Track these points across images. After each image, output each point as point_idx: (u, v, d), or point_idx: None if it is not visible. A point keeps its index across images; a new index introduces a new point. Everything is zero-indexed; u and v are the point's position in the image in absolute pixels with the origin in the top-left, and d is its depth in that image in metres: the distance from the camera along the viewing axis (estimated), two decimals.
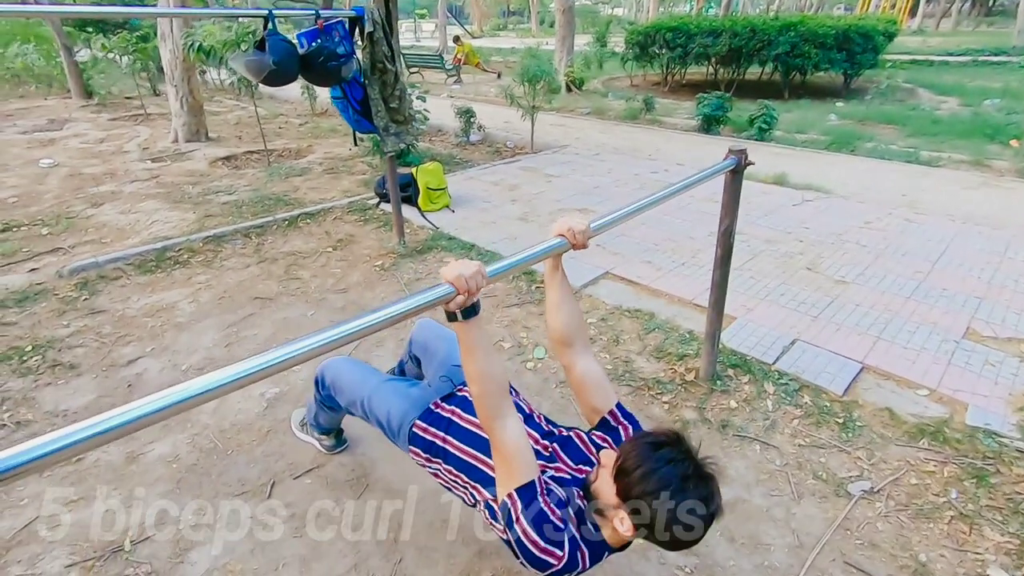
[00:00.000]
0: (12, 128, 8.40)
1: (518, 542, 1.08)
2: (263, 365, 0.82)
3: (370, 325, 0.97)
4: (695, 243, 3.91)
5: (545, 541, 1.07)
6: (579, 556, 1.09)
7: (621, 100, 10.49)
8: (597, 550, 1.13)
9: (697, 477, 1.03)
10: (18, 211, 4.85)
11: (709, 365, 2.45)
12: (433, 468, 1.45)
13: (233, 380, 0.79)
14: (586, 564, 1.10)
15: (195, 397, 0.76)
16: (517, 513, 1.09)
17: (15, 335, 2.91)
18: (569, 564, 1.07)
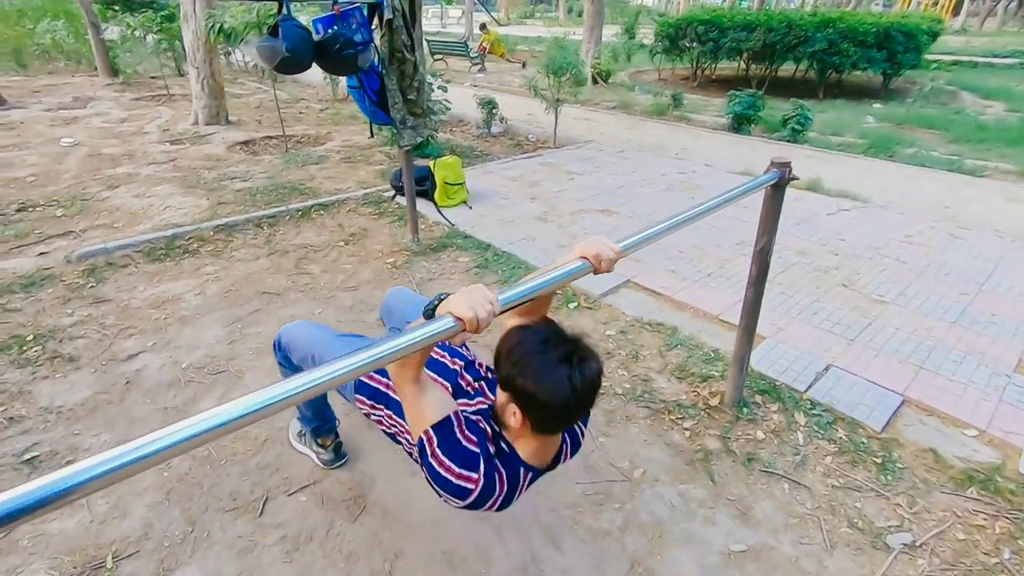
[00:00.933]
0: (38, 105, 8.44)
1: (434, 474, 1.10)
2: (239, 413, 0.70)
3: (367, 363, 0.84)
4: (723, 252, 3.71)
5: (460, 466, 1.08)
6: (496, 477, 1.11)
7: (648, 94, 10.19)
8: (513, 467, 1.15)
9: (558, 337, 1.08)
10: (35, 190, 4.82)
11: (736, 390, 2.28)
12: (377, 415, 1.47)
13: (222, 424, 0.68)
14: (504, 485, 1.12)
15: (188, 440, 0.65)
16: (433, 447, 1.10)
17: (18, 322, 2.85)
18: (486, 487, 1.09)
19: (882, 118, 8.46)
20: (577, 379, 1.03)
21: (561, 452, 1.29)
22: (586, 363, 1.05)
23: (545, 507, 1.89)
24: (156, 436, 0.63)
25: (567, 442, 1.30)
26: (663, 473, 2.03)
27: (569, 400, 1.04)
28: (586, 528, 1.81)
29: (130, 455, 0.60)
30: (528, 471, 1.19)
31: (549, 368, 1.03)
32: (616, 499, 1.92)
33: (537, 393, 1.04)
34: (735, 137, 7.22)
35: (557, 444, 1.26)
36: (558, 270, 1.16)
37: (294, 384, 0.76)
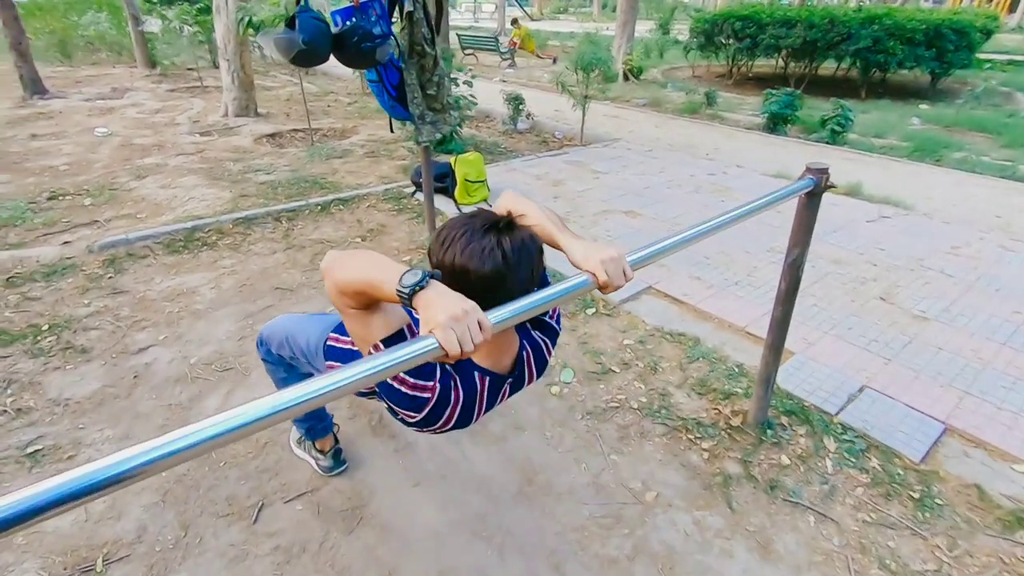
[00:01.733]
0: (78, 95, 8.67)
1: (386, 389, 1.04)
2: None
3: (342, 385, 0.77)
4: (751, 259, 3.54)
5: (414, 377, 1.03)
6: (451, 383, 1.06)
7: (681, 92, 9.93)
8: (467, 371, 1.10)
9: (486, 214, 1.03)
10: (67, 179, 4.92)
11: (760, 411, 2.13)
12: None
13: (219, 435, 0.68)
14: (459, 392, 1.07)
15: (179, 452, 0.64)
16: None
17: (36, 311, 2.88)
18: (442, 394, 1.05)
19: (929, 120, 8.05)
20: (506, 243, 0.98)
21: (521, 359, 1.19)
22: (513, 230, 1.01)
23: (551, 529, 1.78)
24: (133, 452, 0.60)
25: (526, 348, 1.20)
26: (678, 497, 1.90)
27: (500, 267, 0.97)
28: (592, 555, 1.70)
29: (103, 473, 0.58)
30: (484, 376, 1.12)
31: (475, 238, 0.98)
32: (626, 524, 1.81)
33: (466, 264, 0.97)
34: (770, 137, 6.95)
35: (511, 342, 1.16)
36: (556, 287, 1.06)
37: (279, 400, 0.72)
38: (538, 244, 1.05)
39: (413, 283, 0.88)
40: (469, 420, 1.12)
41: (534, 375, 1.24)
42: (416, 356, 0.84)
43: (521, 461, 2.04)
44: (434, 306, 0.85)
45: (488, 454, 2.06)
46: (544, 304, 1.01)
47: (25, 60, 8.15)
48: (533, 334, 1.24)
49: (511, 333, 1.15)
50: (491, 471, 1.99)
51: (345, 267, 1.00)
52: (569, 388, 2.41)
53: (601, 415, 2.26)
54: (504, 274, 0.98)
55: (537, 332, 1.25)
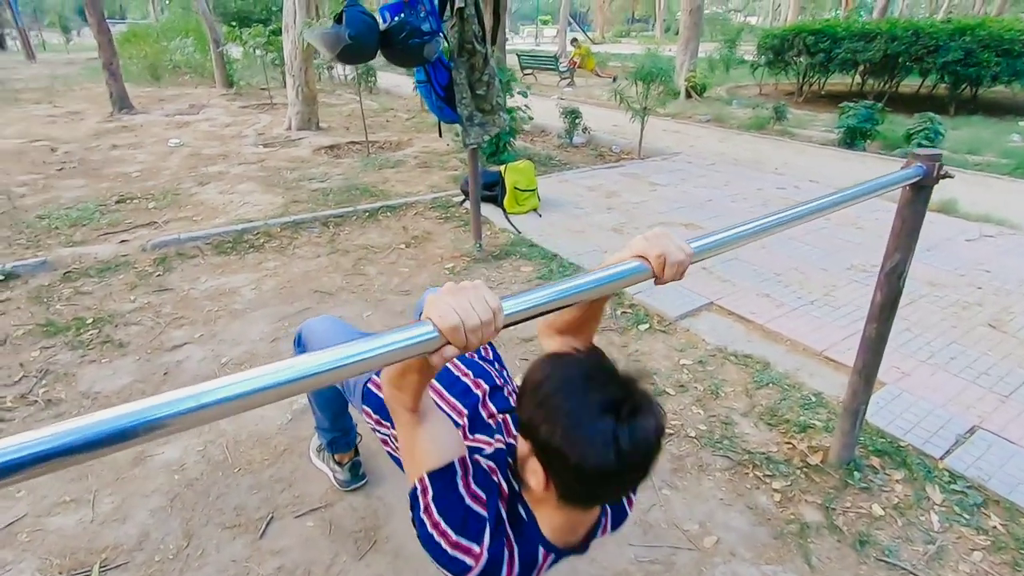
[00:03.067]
0: (159, 111, 9.23)
1: (425, 535, 0.81)
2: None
3: (320, 371, 0.60)
4: (829, 276, 3.16)
5: (458, 532, 0.79)
6: (505, 554, 0.81)
7: (747, 108, 9.49)
8: (530, 544, 0.83)
9: (605, 375, 0.75)
10: (137, 184, 5.12)
11: (845, 448, 1.80)
12: (383, 433, 1.24)
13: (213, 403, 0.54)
14: (514, 568, 0.81)
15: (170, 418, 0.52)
16: (427, 501, 0.81)
17: (85, 305, 2.90)
18: (490, 567, 0.79)
19: None
20: (625, 439, 0.70)
21: (597, 529, 0.94)
22: (640, 417, 0.71)
23: (587, 572, 1.53)
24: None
25: (607, 514, 0.95)
26: (742, 546, 1.60)
27: (610, 467, 0.71)
28: None
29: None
30: (549, 552, 0.86)
31: (586, 418, 0.71)
32: (678, 572, 1.52)
33: (566, 452, 0.72)
34: (847, 152, 6.45)
35: (592, 520, 0.91)
36: (601, 272, 0.84)
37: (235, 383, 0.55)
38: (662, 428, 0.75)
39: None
40: None
41: (607, 531, 0.98)
42: (403, 346, 0.64)
43: None
44: (430, 300, 0.68)
45: None
46: (579, 294, 0.79)
47: (115, 79, 8.77)
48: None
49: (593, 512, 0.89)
50: None
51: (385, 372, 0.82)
52: None
53: None
54: (613, 480, 0.73)
55: None
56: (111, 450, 0.50)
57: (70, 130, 7.56)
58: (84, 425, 0.48)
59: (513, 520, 0.84)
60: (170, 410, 0.51)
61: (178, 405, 0.52)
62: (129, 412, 0.50)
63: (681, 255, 0.85)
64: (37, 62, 18.00)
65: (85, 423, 0.48)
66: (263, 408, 2.15)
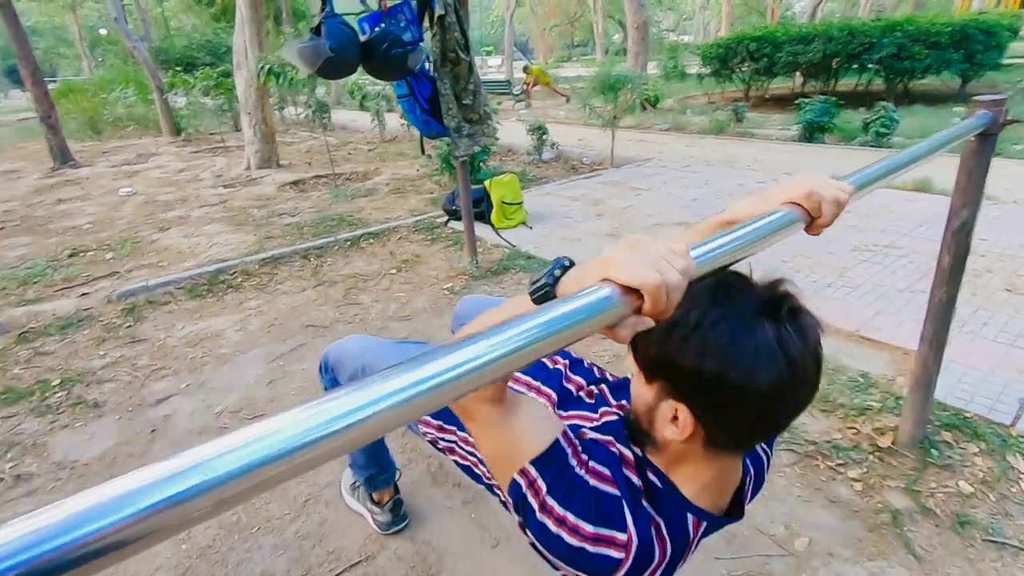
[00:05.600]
0: (104, 163, 8.78)
1: (549, 539, 0.63)
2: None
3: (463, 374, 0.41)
4: (837, 259, 3.13)
5: (594, 521, 0.62)
6: (653, 531, 0.64)
7: (701, 116, 9.74)
8: (676, 514, 0.67)
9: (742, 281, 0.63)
10: (90, 236, 4.76)
11: (916, 425, 1.70)
12: (447, 440, 1.03)
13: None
14: (666, 545, 0.65)
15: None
16: (542, 496, 0.63)
17: (48, 366, 2.58)
18: (642, 550, 0.63)
19: None
20: (795, 343, 0.57)
21: (744, 488, 0.77)
22: (802, 316, 0.60)
23: None
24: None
25: (750, 472, 0.79)
26: (839, 544, 1.46)
27: (783, 380, 0.57)
28: None
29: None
30: (701, 520, 0.69)
31: (742, 328, 0.58)
32: None
33: (727, 374, 0.58)
34: (809, 147, 6.63)
35: (739, 474, 0.75)
36: (754, 223, 0.69)
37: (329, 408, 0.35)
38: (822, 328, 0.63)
39: (550, 269, 0.55)
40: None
41: (751, 496, 0.83)
42: (586, 321, 0.48)
43: None
44: (588, 267, 0.52)
45: None
46: (748, 244, 0.65)
47: (55, 132, 8.30)
48: (756, 448, 0.83)
49: (738, 462, 0.74)
50: None
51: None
52: None
53: None
54: (786, 390, 0.59)
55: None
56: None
57: (7, 189, 7.07)
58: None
59: (648, 490, 0.69)
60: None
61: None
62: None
63: (840, 195, 0.71)
64: None
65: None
66: None
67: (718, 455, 0.67)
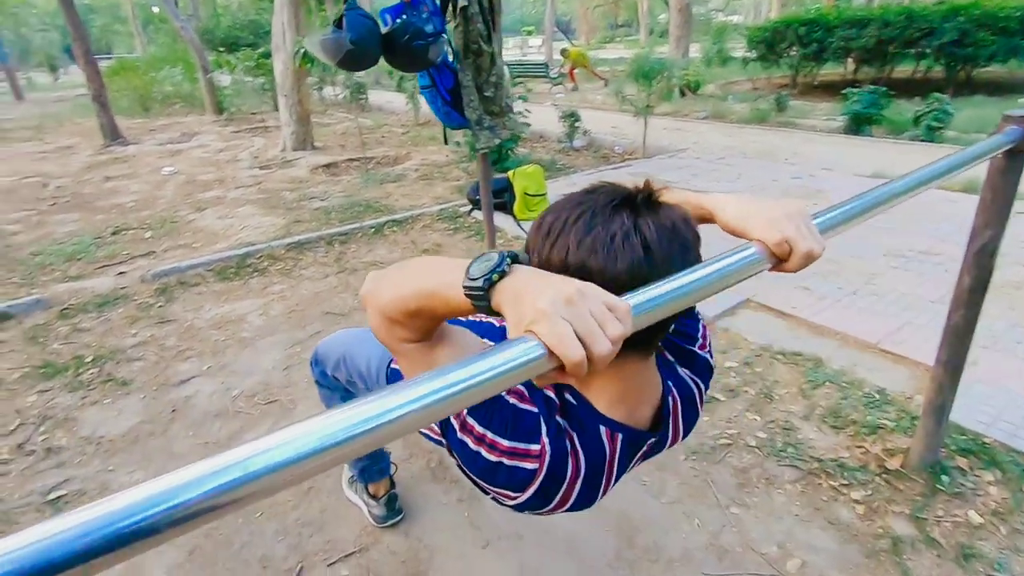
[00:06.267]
0: (151, 141, 9.11)
1: (471, 458, 0.69)
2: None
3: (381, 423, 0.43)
4: (866, 265, 3.01)
5: (512, 438, 0.68)
6: (567, 444, 0.69)
7: (743, 103, 9.41)
8: (590, 426, 0.71)
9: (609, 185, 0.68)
10: (133, 215, 4.97)
11: (928, 449, 1.63)
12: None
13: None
14: (579, 458, 0.70)
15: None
16: (462, 414, 0.69)
17: (84, 342, 2.74)
18: (556, 462, 0.68)
19: None
20: (650, 228, 0.61)
21: (666, 407, 0.77)
22: (656, 207, 0.64)
23: None
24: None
25: (672, 393, 0.79)
26: (832, 568, 1.43)
27: (638, 259, 0.60)
28: None
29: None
30: (616, 431, 0.72)
31: (600, 220, 0.62)
32: None
33: (587, 264, 0.61)
34: (855, 139, 6.33)
35: (653, 381, 0.76)
36: (718, 262, 0.67)
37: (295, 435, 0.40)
38: (693, 228, 0.67)
39: (488, 271, 0.54)
40: (594, 498, 0.75)
41: (679, 433, 0.83)
42: (509, 371, 0.48)
43: (616, 515, 1.62)
44: (527, 295, 0.51)
45: None
46: (703, 288, 0.63)
47: (105, 111, 8.66)
48: (680, 372, 0.83)
49: (650, 368, 0.75)
50: (579, 528, 1.59)
51: (392, 284, 0.65)
52: None
53: (710, 455, 1.82)
54: (646, 274, 0.60)
55: (685, 369, 0.84)
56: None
57: (62, 165, 7.43)
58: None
59: (564, 408, 0.73)
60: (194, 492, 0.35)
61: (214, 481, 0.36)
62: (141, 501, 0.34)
63: (812, 245, 0.68)
64: (25, 101, 17.94)
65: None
66: None
67: (617, 361, 0.67)
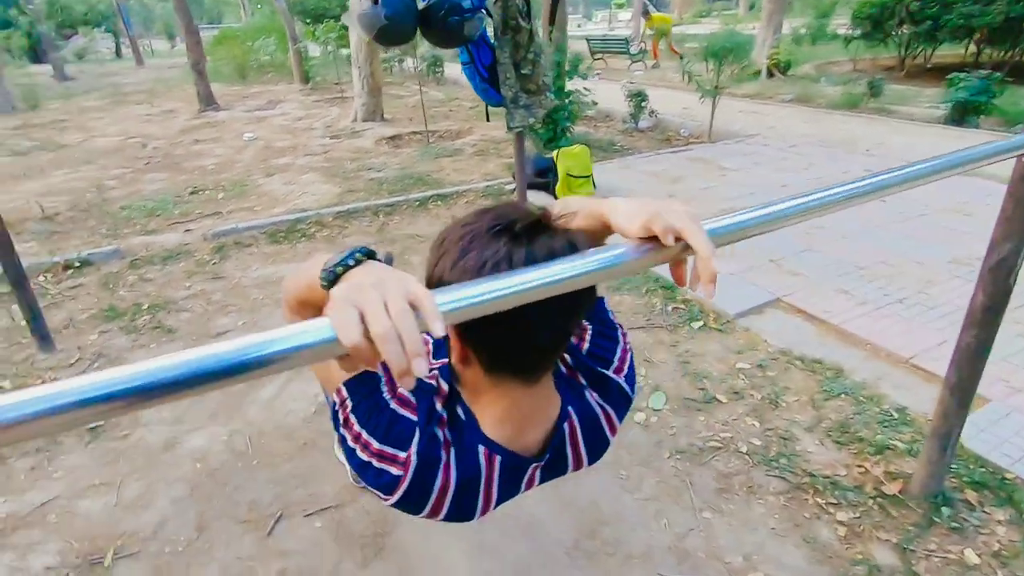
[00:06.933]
0: (241, 107, 9.74)
1: (349, 452, 0.70)
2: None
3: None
4: (925, 270, 2.74)
5: (381, 440, 0.68)
6: (441, 455, 0.69)
7: (837, 86, 8.65)
8: (468, 443, 0.70)
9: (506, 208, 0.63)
10: (211, 176, 5.39)
11: (932, 477, 1.50)
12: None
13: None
14: (451, 473, 0.69)
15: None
16: (346, 410, 0.70)
17: (145, 291, 3.04)
18: (420, 474, 0.67)
19: None
20: (519, 254, 0.58)
21: (560, 435, 0.75)
22: (537, 234, 0.60)
23: None
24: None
25: (570, 419, 0.76)
26: None
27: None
28: None
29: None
30: (495, 453, 0.71)
31: (477, 243, 0.59)
32: None
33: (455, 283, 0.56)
34: (955, 130, 5.68)
35: (542, 407, 0.74)
36: (588, 256, 0.64)
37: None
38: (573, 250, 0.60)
39: (335, 263, 0.53)
40: (471, 513, 0.74)
41: (583, 460, 0.79)
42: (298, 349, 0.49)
43: (584, 505, 1.63)
44: (337, 288, 0.51)
45: (542, 492, 1.67)
46: (558, 284, 0.60)
47: (202, 78, 9.34)
48: (588, 397, 0.79)
49: (539, 394, 0.72)
50: (543, 514, 1.60)
51: (291, 278, 0.68)
52: (658, 417, 1.94)
53: (696, 456, 1.77)
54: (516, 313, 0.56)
55: (595, 394, 0.79)
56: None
57: (162, 127, 8.13)
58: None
59: (452, 421, 0.72)
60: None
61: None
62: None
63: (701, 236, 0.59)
64: (145, 67, 19.66)
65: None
66: (292, 400, 2.12)
67: (499, 382, 0.67)
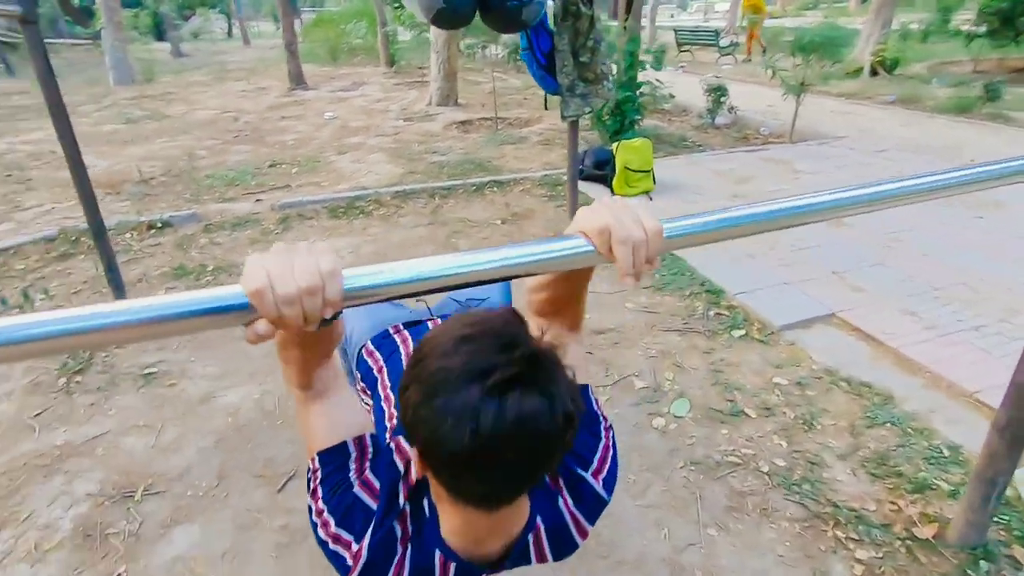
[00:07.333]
0: (327, 87, 10.20)
1: (312, 524, 0.70)
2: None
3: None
4: (1014, 297, 2.44)
5: (339, 524, 0.67)
6: (396, 551, 0.67)
7: (950, 87, 7.83)
8: (427, 545, 0.68)
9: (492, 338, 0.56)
10: (289, 152, 5.69)
11: (971, 525, 1.34)
12: (365, 403, 1.11)
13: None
14: (403, 569, 0.67)
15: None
16: (315, 482, 0.70)
17: (213, 254, 3.26)
18: (370, 566, 0.66)
19: None
20: (487, 417, 0.52)
21: (523, 545, 0.71)
22: (518, 391, 0.53)
23: None
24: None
25: (536, 529, 0.72)
26: None
27: (461, 450, 0.54)
28: None
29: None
30: (449, 559, 0.69)
31: (448, 386, 0.54)
32: None
33: (419, 424, 0.56)
34: None
35: (504, 527, 0.70)
36: (525, 247, 0.62)
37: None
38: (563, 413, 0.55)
39: None
40: None
41: (547, 559, 0.75)
42: (199, 311, 0.51)
43: None
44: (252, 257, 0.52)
45: None
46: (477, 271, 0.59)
47: (293, 58, 9.85)
48: (560, 504, 0.74)
49: (513, 507, 0.66)
50: None
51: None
52: (678, 424, 1.86)
53: (712, 470, 1.68)
54: (469, 462, 0.55)
55: (569, 501, 0.75)
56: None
57: (254, 103, 8.67)
58: None
59: (416, 514, 0.70)
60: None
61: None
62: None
63: (637, 232, 0.59)
64: (251, 47, 21.01)
65: None
66: None
67: (459, 502, 0.63)
